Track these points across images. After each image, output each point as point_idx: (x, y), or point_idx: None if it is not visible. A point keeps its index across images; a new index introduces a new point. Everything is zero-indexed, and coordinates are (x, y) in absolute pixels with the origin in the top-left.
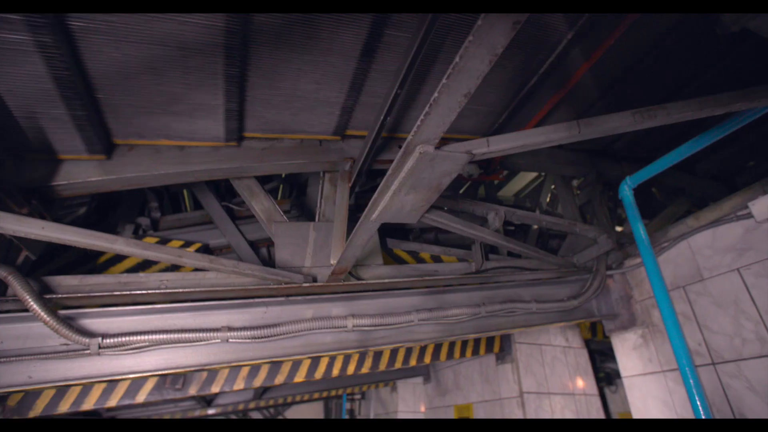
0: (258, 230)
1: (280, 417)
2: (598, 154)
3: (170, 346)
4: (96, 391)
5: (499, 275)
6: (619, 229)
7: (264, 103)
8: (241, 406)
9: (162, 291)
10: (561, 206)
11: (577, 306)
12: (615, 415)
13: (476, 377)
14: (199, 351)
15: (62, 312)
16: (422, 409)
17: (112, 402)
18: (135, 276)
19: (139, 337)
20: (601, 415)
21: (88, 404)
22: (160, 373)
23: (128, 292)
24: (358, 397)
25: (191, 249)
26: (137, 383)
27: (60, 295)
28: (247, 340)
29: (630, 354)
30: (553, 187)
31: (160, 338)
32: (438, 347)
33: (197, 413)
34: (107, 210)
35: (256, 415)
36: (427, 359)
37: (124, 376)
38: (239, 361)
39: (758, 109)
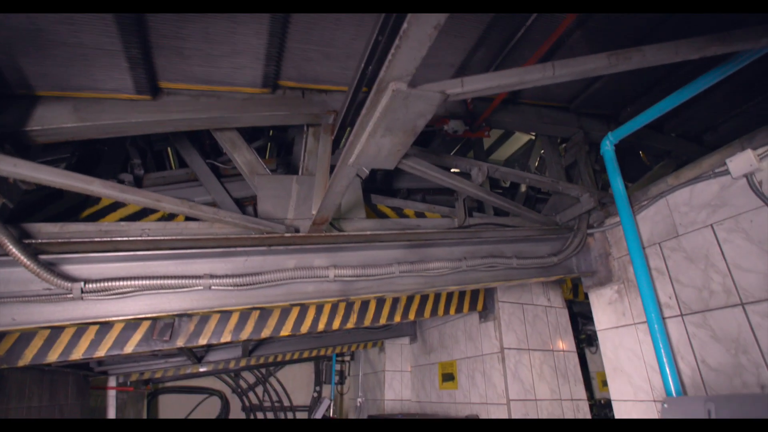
0: (244, 188)
1: (271, 377)
2: (586, 115)
3: (154, 292)
4: (84, 342)
5: (482, 231)
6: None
7: None
8: (232, 364)
9: (144, 239)
10: (547, 167)
11: (556, 263)
12: (593, 374)
13: (460, 336)
14: (182, 297)
15: (43, 257)
16: (408, 368)
17: (101, 352)
18: (116, 225)
19: (121, 283)
20: (578, 371)
21: (77, 354)
22: (143, 316)
23: (109, 239)
24: (347, 358)
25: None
26: (125, 334)
27: (40, 241)
28: (230, 288)
29: (605, 308)
30: (542, 152)
31: (142, 284)
32: (422, 304)
33: (189, 370)
34: (89, 166)
35: (247, 376)
36: (412, 315)
37: (108, 319)
38: (222, 307)
39: (742, 56)
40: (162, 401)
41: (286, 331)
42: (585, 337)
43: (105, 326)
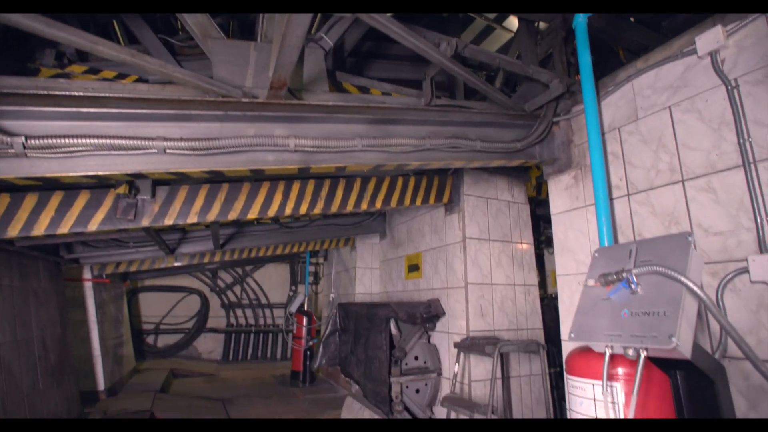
0: (203, 68)
1: (248, 278)
2: None
3: (104, 152)
4: (44, 218)
5: (448, 112)
6: None
7: None
8: (207, 258)
9: (88, 95)
10: (521, 54)
11: (520, 149)
12: (548, 272)
13: (426, 229)
14: (136, 159)
15: None
16: (377, 265)
17: (64, 229)
18: (56, 81)
19: (67, 140)
20: (532, 261)
21: (38, 230)
22: (92, 174)
23: (47, 92)
24: (321, 259)
25: (127, 81)
26: (87, 213)
27: None
28: (187, 152)
29: (561, 194)
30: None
31: (91, 143)
32: (390, 193)
33: (164, 264)
34: (26, 36)
35: (225, 276)
36: (379, 204)
37: (56, 175)
38: (179, 170)
39: None
40: (143, 299)
41: (253, 214)
42: (544, 239)
43: (64, 203)
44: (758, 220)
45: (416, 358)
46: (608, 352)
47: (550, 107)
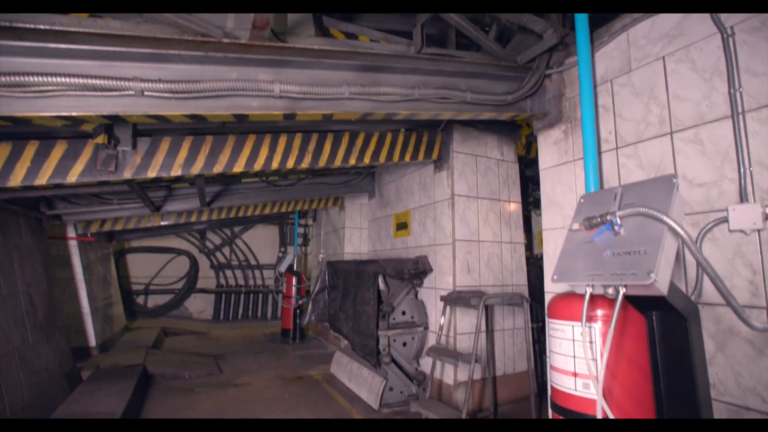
0: None
1: (237, 239)
2: None
3: (78, 92)
4: (20, 169)
5: (438, 60)
6: None
7: None
8: (194, 216)
9: (55, 29)
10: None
11: (510, 101)
12: (535, 233)
13: (415, 187)
14: (112, 101)
15: None
16: (366, 225)
17: (42, 180)
18: (16, 15)
19: (35, 78)
20: (519, 220)
21: (15, 181)
22: (65, 115)
23: (8, 24)
24: (310, 221)
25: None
26: (65, 163)
27: None
28: (166, 94)
29: (550, 149)
30: None
31: (62, 81)
32: (378, 148)
33: (151, 223)
34: None
35: (214, 238)
36: (367, 159)
37: (28, 115)
38: (158, 113)
39: None
40: (131, 261)
41: (239, 167)
42: (532, 200)
43: (40, 153)
44: (741, 171)
45: (403, 313)
46: (589, 291)
47: (543, 59)
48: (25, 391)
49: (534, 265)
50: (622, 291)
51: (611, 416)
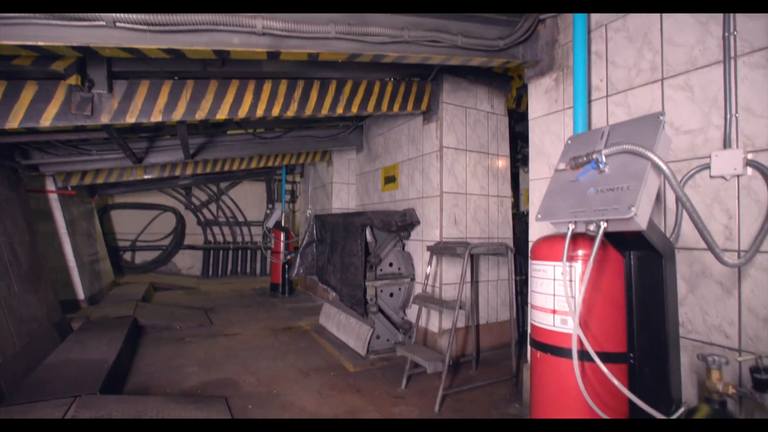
0: None
1: (224, 196)
2: None
3: (44, 21)
4: None
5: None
6: None
7: None
8: (178, 170)
9: None
10: None
11: (502, 47)
12: (522, 191)
13: (404, 140)
14: (81, 31)
15: None
16: (354, 180)
17: (13, 123)
18: None
19: None
20: (507, 174)
21: None
22: (31, 44)
23: None
24: (298, 177)
25: None
26: (37, 106)
27: None
28: (141, 27)
29: (541, 98)
30: None
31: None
32: (366, 98)
33: (133, 176)
34: None
35: (200, 194)
36: (354, 108)
37: None
38: (131, 45)
39: None
40: (116, 217)
41: (222, 114)
42: (521, 157)
43: (9, 94)
44: (727, 117)
45: (391, 264)
46: (571, 227)
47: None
48: (15, 339)
49: (520, 220)
50: (603, 226)
51: (587, 345)
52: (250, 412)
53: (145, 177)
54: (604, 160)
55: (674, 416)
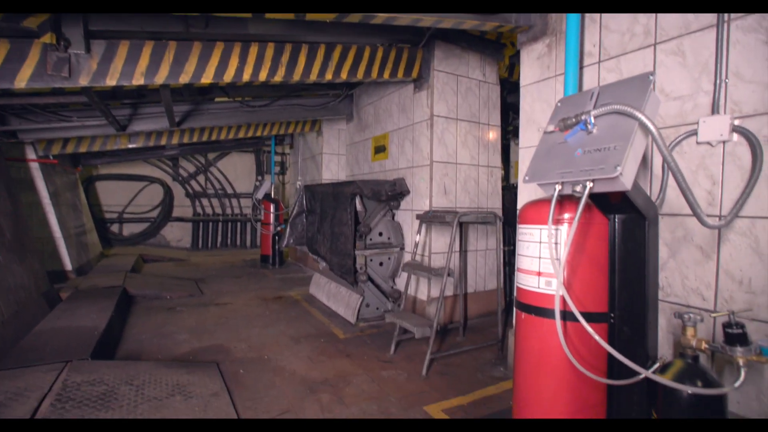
0: None
1: (212, 167)
2: None
3: None
4: None
5: None
6: None
7: None
8: (164, 139)
9: None
10: None
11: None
12: (512, 163)
13: (394, 109)
14: None
15: None
16: (344, 151)
17: None
18: None
19: None
20: (498, 144)
21: None
22: None
23: None
24: (287, 149)
25: None
26: (9, 66)
27: None
28: None
29: (533, 64)
30: None
31: None
32: (356, 64)
33: (117, 145)
34: None
35: (187, 166)
36: (344, 75)
37: None
38: None
39: None
40: (101, 189)
41: (207, 78)
42: (512, 128)
43: None
44: (717, 82)
45: (380, 234)
46: (558, 188)
47: None
48: (3, 307)
49: (509, 191)
50: (588, 186)
51: (571, 305)
52: (242, 376)
53: (130, 146)
54: (592, 120)
55: (650, 370)
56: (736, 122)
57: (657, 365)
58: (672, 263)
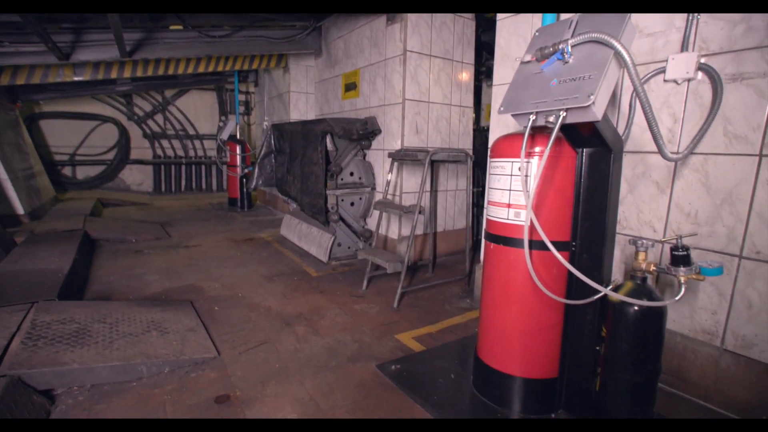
0: None
1: (170, 106)
2: None
3: None
4: None
5: None
6: None
7: None
8: (114, 71)
9: None
10: None
11: None
12: (483, 106)
13: (365, 43)
14: None
15: None
16: (312, 90)
17: None
18: None
19: None
20: (470, 83)
21: None
22: None
23: None
24: (252, 87)
25: None
26: None
27: None
28: None
29: None
30: None
31: None
32: None
33: (60, 77)
34: None
35: (142, 104)
36: None
37: None
38: None
39: None
40: (46, 128)
41: None
42: (485, 69)
43: None
44: (689, 18)
45: (352, 174)
46: (531, 119)
47: None
48: None
49: (480, 134)
50: (562, 116)
51: (541, 233)
52: (217, 313)
53: (76, 79)
54: (569, 50)
55: (609, 288)
56: (702, 60)
57: (611, 286)
58: (630, 198)
